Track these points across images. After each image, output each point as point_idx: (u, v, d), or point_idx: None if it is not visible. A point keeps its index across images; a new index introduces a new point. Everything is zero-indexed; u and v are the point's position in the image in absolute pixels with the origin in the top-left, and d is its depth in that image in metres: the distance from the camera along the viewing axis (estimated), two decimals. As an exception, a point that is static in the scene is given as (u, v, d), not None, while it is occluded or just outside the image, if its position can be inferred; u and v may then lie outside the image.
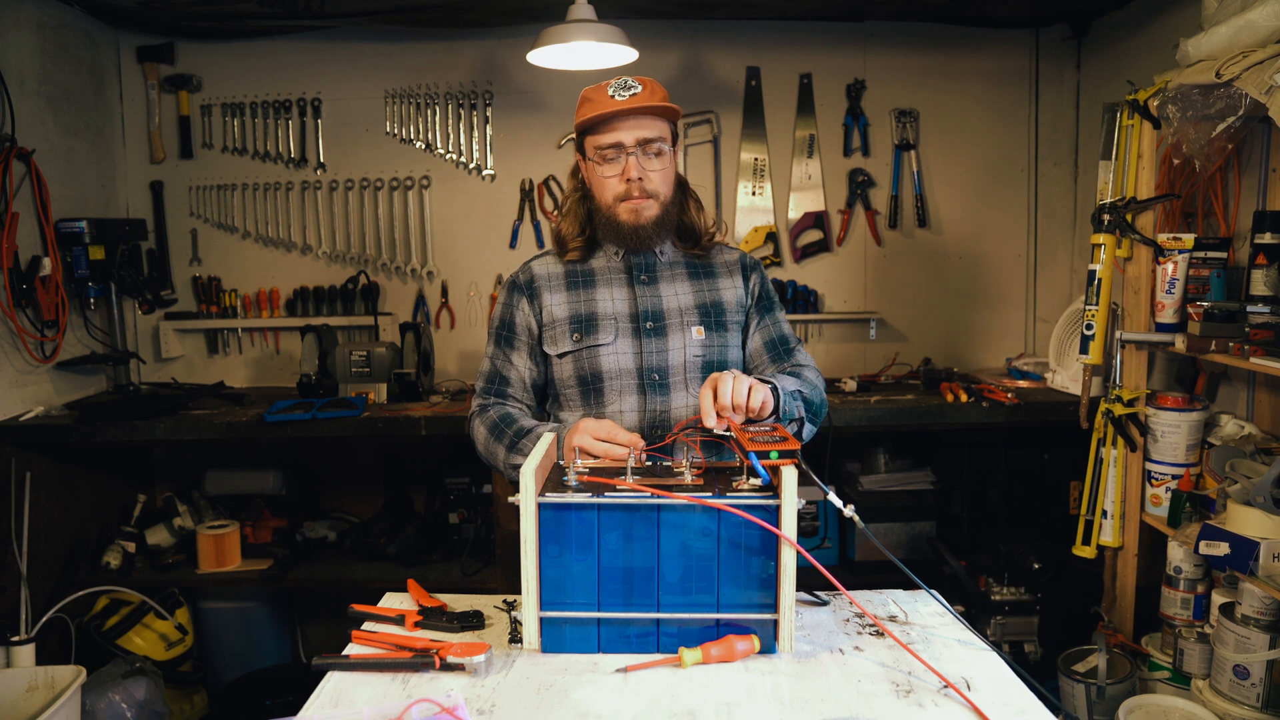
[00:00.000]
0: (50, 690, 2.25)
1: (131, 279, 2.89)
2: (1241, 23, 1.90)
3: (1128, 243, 2.30)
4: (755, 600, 1.21)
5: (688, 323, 1.67)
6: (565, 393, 1.70)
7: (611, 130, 1.60)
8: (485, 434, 1.66)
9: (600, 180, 1.64)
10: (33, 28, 2.70)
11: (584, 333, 1.66)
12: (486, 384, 1.74)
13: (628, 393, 1.65)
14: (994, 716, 1.06)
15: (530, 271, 1.75)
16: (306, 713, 1.09)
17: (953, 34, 3.14)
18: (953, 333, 3.31)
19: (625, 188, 1.61)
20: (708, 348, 1.67)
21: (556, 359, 1.69)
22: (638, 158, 1.60)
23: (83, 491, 2.88)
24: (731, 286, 1.74)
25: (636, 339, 1.66)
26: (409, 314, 3.27)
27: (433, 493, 3.06)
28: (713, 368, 1.65)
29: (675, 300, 1.69)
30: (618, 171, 1.61)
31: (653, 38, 2.98)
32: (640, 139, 1.60)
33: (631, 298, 1.69)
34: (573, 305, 1.69)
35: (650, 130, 1.60)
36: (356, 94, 3.19)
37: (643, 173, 1.61)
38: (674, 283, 1.71)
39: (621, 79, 1.62)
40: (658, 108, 1.59)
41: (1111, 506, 2.34)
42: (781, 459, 1.19)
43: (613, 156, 1.61)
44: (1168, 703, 2.03)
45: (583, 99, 1.65)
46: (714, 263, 1.76)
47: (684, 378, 1.66)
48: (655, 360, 1.65)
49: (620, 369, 1.65)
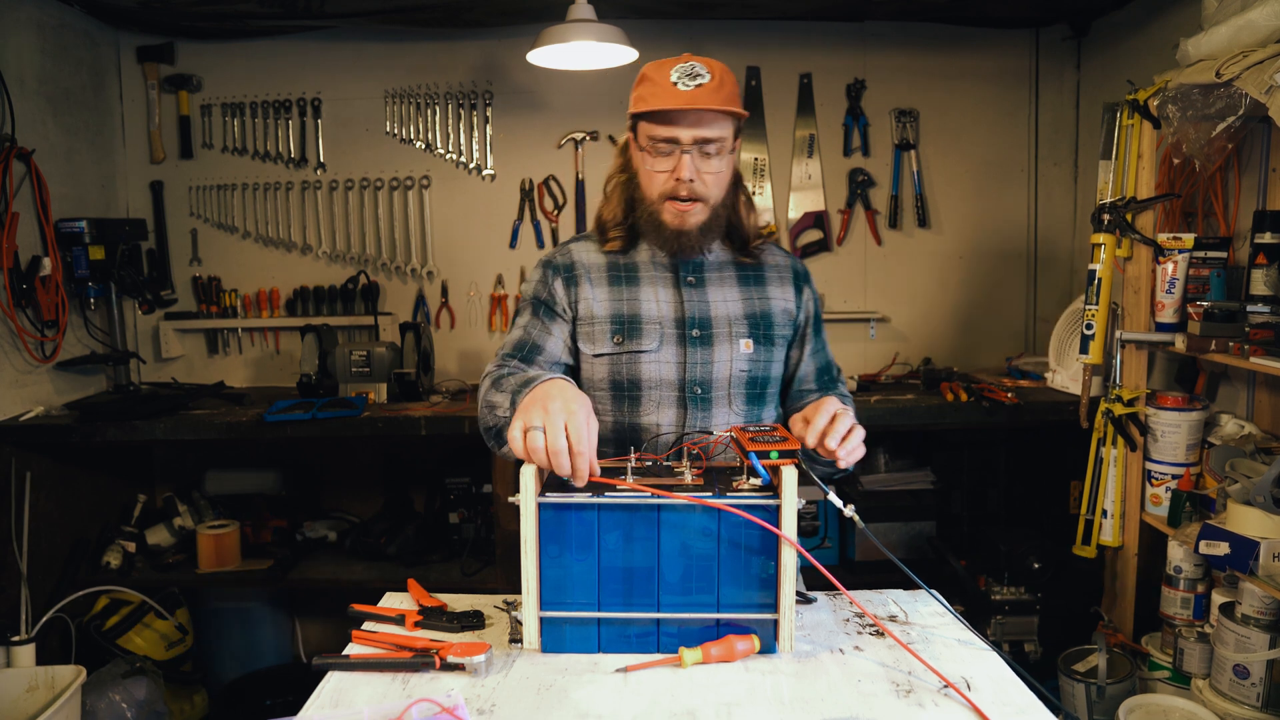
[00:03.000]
0: (50, 690, 2.26)
1: (131, 279, 2.89)
2: (1241, 22, 1.90)
3: (1128, 242, 2.30)
4: (755, 600, 1.21)
5: (736, 334, 1.54)
6: (595, 395, 1.55)
7: (669, 124, 1.44)
8: (488, 385, 1.46)
9: (648, 173, 1.49)
10: (33, 28, 2.70)
11: (626, 336, 1.53)
12: (514, 350, 1.54)
13: (666, 405, 1.53)
14: (994, 716, 1.06)
15: (570, 255, 1.60)
16: (306, 713, 1.09)
17: (953, 34, 3.14)
18: (953, 332, 3.31)
19: (674, 186, 1.47)
20: (754, 363, 1.55)
21: (591, 358, 1.55)
22: (693, 157, 1.45)
23: (83, 491, 2.88)
24: (782, 297, 1.60)
25: (681, 347, 1.53)
26: (409, 314, 3.27)
27: (433, 493, 3.06)
28: (756, 384, 1.56)
29: (724, 307, 1.56)
30: (669, 168, 1.47)
31: (653, 38, 2.98)
32: (699, 138, 1.44)
33: (678, 301, 1.55)
34: (614, 303, 1.55)
35: (711, 130, 1.44)
36: (356, 94, 3.19)
37: (696, 174, 1.46)
38: (722, 287, 1.58)
39: (688, 63, 1.44)
40: (720, 101, 1.42)
41: (1111, 506, 2.34)
42: (781, 459, 1.19)
43: (666, 150, 1.46)
44: (1168, 702, 2.03)
45: (641, 77, 1.49)
46: (764, 265, 1.62)
47: (727, 393, 1.54)
48: (699, 372, 1.53)
49: (661, 379, 1.52)
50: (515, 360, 1.53)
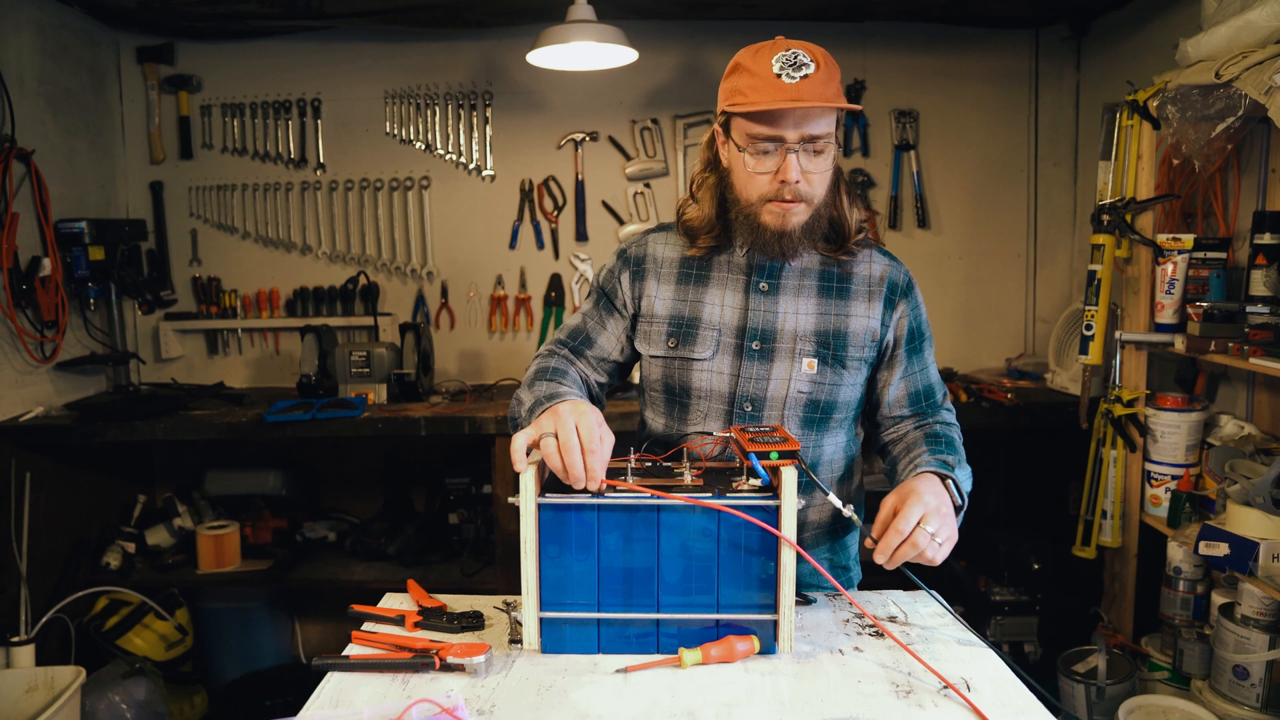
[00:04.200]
0: (50, 691, 2.26)
1: (131, 279, 2.89)
2: (1241, 23, 1.90)
3: (1127, 243, 2.30)
4: (755, 601, 1.20)
5: (801, 351, 1.42)
6: (650, 395, 1.53)
7: (772, 124, 1.30)
8: (533, 372, 1.44)
9: (747, 175, 1.35)
10: (33, 28, 2.70)
11: (680, 340, 1.45)
12: (568, 336, 1.53)
13: (714, 418, 1.45)
14: (994, 717, 1.06)
15: (645, 248, 1.52)
16: (306, 713, 1.09)
17: (952, 34, 3.14)
18: (952, 333, 3.31)
19: (778, 189, 1.33)
20: (817, 384, 1.43)
21: (648, 359, 1.51)
22: (798, 156, 1.32)
23: (83, 492, 2.88)
24: (865, 314, 1.45)
25: (737, 359, 1.44)
26: (409, 314, 3.27)
27: (433, 493, 3.06)
28: (818, 408, 1.44)
29: (793, 320, 1.43)
30: (771, 169, 1.33)
31: (653, 38, 2.99)
32: (806, 136, 1.31)
33: (743, 308, 1.44)
34: (676, 304, 1.47)
35: (819, 126, 1.31)
36: (356, 94, 3.19)
37: (801, 175, 1.33)
38: (798, 297, 1.44)
39: (789, 51, 1.30)
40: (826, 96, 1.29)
41: (1111, 507, 2.34)
42: (781, 459, 1.19)
43: (768, 150, 1.33)
44: (1167, 703, 2.03)
45: (735, 66, 1.36)
46: (854, 275, 1.46)
47: (781, 413, 1.44)
48: (753, 388, 1.43)
49: (711, 389, 1.45)
50: (566, 349, 1.52)
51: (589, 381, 1.53)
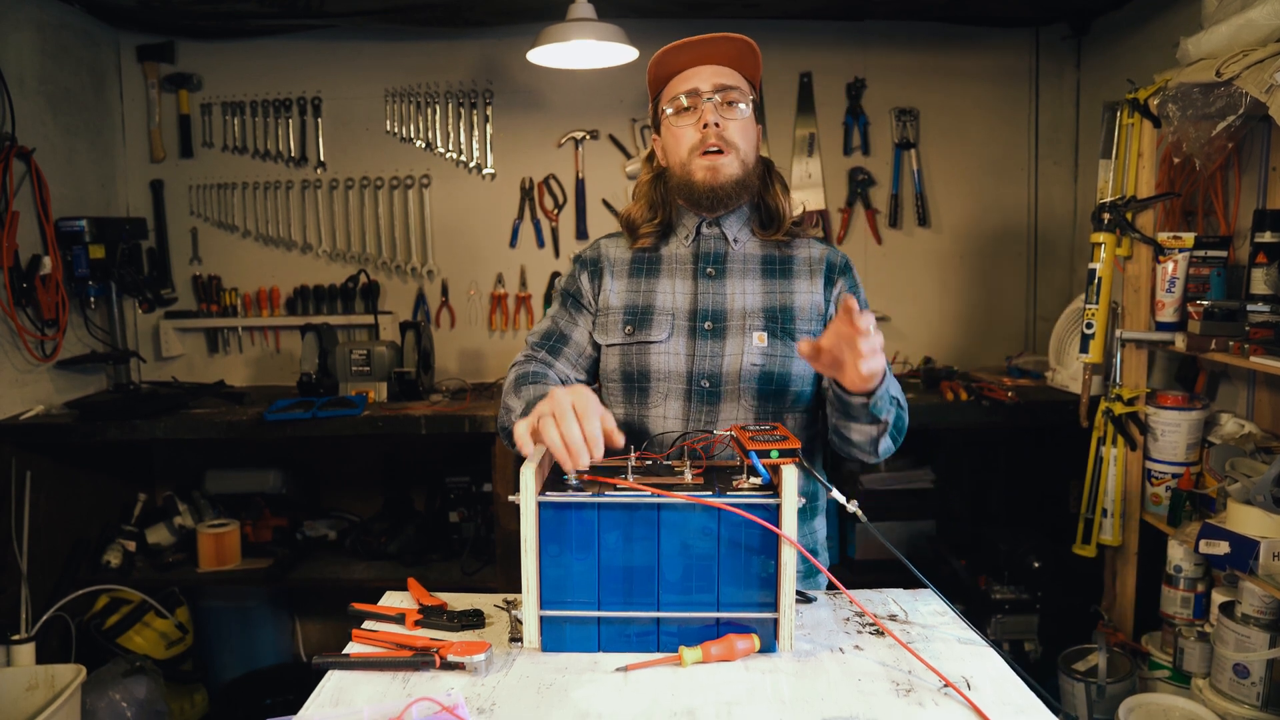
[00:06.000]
0: (50, 689, 2.26)
1: (132, 278, 2.89)
2: (1241, 21, 1.90)
3: (1128, 241, 2.30)
4: (755, 599, 1.20)
5: (750, 327, 1.51)
6: (608, 386, 1.59)
7: (686, 77, 1.52)
8: (514, 379, 1.52)
9: (675, 134, 1.52)
10: (33, 28, 2.70)
11: (636, 326, 1.54)
12: (541, 340, 1.60)
13: (674, 397, 1.52)
14: (994, 716, 1.06)
15: (598, 249, 1.64)
16: (306, 712, 1.09)
17: (952, 33, 3.14)
18: (953, 331, 3.31)
19: (701, 135, 1.48)
20: (769, 357, 1.50)
21: (606, 348, 1.58)
22: (715, 104, 1.49)
23: (83, 491, 2.88)
24: (809, 290, 1.55)
25: (691, 339, 1.52)
26: (409, 313, 3.27)
27: (433, 492, 3.06)
28: (772, 380, 1.51)
29: (741, 299, 1.54)
30: (693, 120, 1.50)
31: (653, 37, 2.96)
32: (719, 84, 1.50)
33: (693, 293, 1.55)
34: (630, 295, 1.57)
35: (729, 78, 1.52)
36: (356, 93, 3.19)
37: (720, 119, 1.48)
38: (744, 279, 1.55)
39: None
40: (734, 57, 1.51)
41: (1111, 505, 2.34)
42: (781, 458, 1.19)
43: (688, 105, 1.51)
44: (1168, 702, 2.03)
45: (653, 62, 1.57)
46: (794, 257, 1.58)
47: (737, 387, 1.50)
48: (708, 365, 1.51)
49: (669, 370, 1.52)
50: (542, 351, 1.58)
51: (569, 381, 1.58)
